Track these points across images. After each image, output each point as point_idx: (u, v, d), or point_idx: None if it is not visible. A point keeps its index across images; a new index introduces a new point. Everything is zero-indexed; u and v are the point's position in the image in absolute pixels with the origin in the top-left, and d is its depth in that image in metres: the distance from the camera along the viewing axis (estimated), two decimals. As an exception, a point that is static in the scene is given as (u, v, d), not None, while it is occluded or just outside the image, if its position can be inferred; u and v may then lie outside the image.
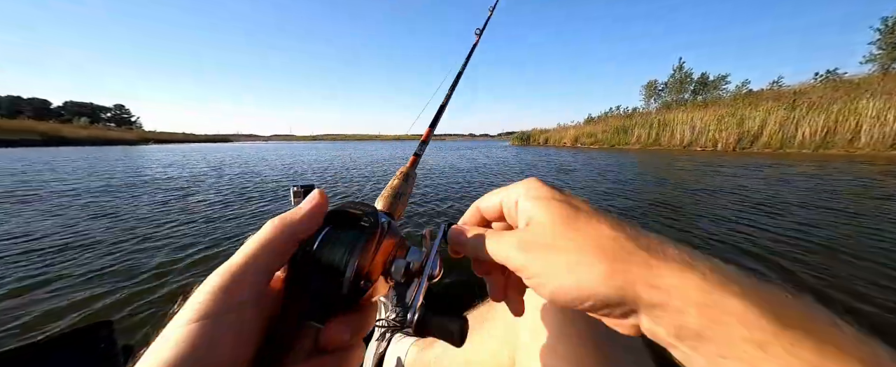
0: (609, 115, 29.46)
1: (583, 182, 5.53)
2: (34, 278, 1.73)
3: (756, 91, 20.16)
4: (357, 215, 0.18)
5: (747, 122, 13.11)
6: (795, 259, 1.89)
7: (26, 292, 1.59)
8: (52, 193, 4.47)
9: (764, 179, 5.16)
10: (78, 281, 1.69)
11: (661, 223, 2.82)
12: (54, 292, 1.59)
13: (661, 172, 6.75)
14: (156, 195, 4.41)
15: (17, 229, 2.65)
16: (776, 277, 1.73)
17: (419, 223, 3.05)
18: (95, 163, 9.88)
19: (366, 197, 4.56)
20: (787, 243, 2.16)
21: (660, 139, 17.14)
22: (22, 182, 5.46)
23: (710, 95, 26.40)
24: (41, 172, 7.21)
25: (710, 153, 12.44)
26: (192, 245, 2.28)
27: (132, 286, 1.62)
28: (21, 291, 1.60)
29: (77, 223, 2.87)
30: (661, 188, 4.69)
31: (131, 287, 1.61)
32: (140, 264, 1.90)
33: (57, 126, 50.07)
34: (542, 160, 10.65)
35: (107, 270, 1.83)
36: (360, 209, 0.19)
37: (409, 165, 0.38)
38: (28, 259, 1.99)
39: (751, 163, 7.91)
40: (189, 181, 5.61)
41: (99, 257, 2.03)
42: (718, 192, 4.18)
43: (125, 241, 2.35)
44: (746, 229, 2.50)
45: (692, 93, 28.54)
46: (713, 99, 21.50)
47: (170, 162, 10.24)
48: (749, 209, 3.15)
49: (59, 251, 2.13)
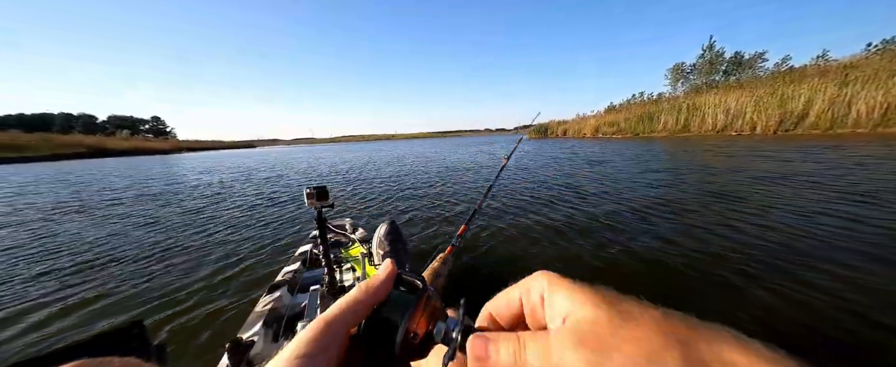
0: (632, 102, 28.11)
1: (621, 174, 5.24)
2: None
3: (798, 68, 18.53)
4: (410, 282, 0.22)
5: (791, 101, 12.05)
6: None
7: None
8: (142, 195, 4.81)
9: (833, 162, 4.65)
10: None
11: (731, 218, 2.51)
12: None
13: (705, 158, 6.32)
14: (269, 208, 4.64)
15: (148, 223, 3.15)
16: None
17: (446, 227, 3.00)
18: (167, 169, 10.58)
19: (390, 198, 4.53)
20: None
21: (689, 125, 16.15)
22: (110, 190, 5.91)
23: (745, 74, 24.59)
24: (116, 182, 7.84)
25: (749, 138, 11.57)
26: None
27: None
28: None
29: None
30: (714, 177, 4.33)
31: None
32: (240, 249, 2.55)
33: (102, 139, 54.24)
34: (566, 153, 10.29)
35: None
36: (412, 278, 0.23)
37: (448, 252, 0.45)
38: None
39: (805, 146, 7.26)
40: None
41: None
42: (788, 179, 3.77)
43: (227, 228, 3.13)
44: (847, 224, 2.18)
45: (724, 74, 26.69)
46: (749, 79, 19.95)
47: (236, 167, 10.80)
48: (836, 199, 2.80)
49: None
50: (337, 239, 1.78)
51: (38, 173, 12.15)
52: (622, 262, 1.92)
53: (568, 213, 3.05)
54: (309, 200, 0.93)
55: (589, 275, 1.82)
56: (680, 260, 1.86)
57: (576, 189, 4.18)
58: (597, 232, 2.45)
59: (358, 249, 1.60)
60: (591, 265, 1.91)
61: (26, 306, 1.73)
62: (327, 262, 1.00)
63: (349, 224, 2.00)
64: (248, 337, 0.90)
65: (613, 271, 1.83)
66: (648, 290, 1.63)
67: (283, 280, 1.28)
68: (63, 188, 7.07)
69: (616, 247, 2.12)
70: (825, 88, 11.29)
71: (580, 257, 2.04)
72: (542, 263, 2.09)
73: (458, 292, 1.35)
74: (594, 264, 1.92)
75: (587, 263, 1.95)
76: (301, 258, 1.55)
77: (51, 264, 2.36)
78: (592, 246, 2.19)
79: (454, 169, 7.53)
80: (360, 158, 13.80)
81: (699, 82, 27.26)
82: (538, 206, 3.38)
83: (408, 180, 5.97)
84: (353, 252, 1.59)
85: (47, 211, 4.49)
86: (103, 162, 20.02)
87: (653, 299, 0.16)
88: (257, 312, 1.04)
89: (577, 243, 2.27)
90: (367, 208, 3.88)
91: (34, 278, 2.12)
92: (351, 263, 1.49)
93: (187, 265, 2.24)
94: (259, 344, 0.88)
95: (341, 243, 1.74)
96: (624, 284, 1.49)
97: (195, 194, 5.47)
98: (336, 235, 1.77)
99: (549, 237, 2.42)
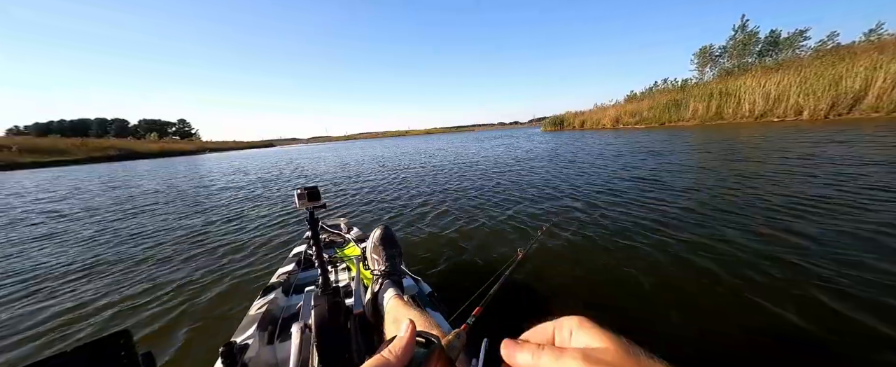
0: (655, 89, 26.47)
1: (672, 167, 4.63)
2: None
3: (846, 45, 16.69)
4: (423, 342, 0.26)
5: (843, 82, 10.73)
6: None
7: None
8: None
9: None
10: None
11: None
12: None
13: (771, 147, 5.47)
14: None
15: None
16: None
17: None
18: (194, 170, 10.75)
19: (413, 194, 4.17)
20: None
21: (722, 112, 14.86)
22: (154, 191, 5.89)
23: (784, 55, 22.53)
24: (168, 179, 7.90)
25: (795, 123, 10.40)
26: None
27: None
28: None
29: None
30: (811, 176, 3.29)
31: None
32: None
33: (133, 143, 57.26)
34: (586, 146, 9.58)
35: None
36: (425, 337, 0.26)
37: (464, 328, 0.38)
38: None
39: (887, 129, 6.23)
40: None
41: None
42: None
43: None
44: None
45: (758, 55, 24.62)
46: (788, 60, 18.20)
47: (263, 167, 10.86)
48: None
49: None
50: (332, 239, 1.77)
51: (80, 175, 12.63)
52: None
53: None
54: (300, 201, 0.91)
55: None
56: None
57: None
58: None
59: (354, 249, 1.58)
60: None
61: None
62: (320, 263, 0.96)
63: (344, 224, 1.96)
64: (242, 341, 0.86)
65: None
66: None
67: (278, 282, 1.27)
68: (104, 191, 7.15)
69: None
70: (887, 64, 9.95)
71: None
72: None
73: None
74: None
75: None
76: (296, 259, 1.53)
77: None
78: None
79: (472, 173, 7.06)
80: (392, 152, 13.57)
81: (730, 66, 25.30)
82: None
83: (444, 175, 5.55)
84: (348, 252, 1.58)
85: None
86: (135, 164, 20.77)
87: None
88: (251, 315, 1.02)
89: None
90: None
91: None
92: (346, 263, 1.47)
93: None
94: (253, 347, 0.85)
95: (336, 243, 1.72)
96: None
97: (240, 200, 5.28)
98: (331, 235, 1.78)
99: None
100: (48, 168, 24.27)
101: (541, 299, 1.57)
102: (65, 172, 16.89)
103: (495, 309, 0.57)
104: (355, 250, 1.54)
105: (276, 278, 1.33)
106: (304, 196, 0.91)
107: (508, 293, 1.52)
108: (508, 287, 1.54)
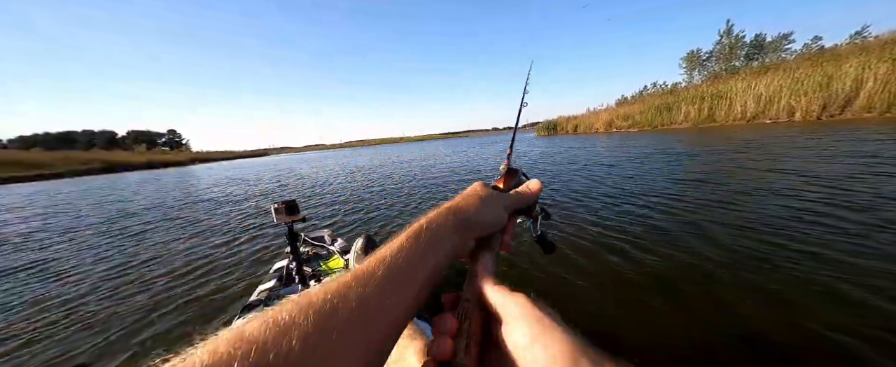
0: (645, 93, 26.68)
1: (656, 174, 4.36)
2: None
3: (830, 48, 16.99)
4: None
5: (835, 82, 10.75)
6: None
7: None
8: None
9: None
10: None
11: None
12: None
13: (774, 153, 5.21)
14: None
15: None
16: None
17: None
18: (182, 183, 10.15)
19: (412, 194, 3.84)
20: None
21: (714, 114, 14.88)
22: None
23: (769, 58, 22.94)
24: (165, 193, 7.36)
25: (788, 125, 10.34)
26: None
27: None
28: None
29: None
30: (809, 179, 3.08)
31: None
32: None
33: (119, 155, 55.96)
34: (581, 152, 9.35)
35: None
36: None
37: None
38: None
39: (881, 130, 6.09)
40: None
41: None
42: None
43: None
44: None
45: (745, 59, 25.08)
46: (774, 63, 18.48)
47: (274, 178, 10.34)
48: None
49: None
50: (316, 252, 1.71)
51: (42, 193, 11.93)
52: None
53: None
54: (277, 215, 0.88)
55: None
56: None
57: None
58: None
59: (338, 261, 1.53)
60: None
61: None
62: (301, 279, 0.93)
63: (328, 235, 1.91)
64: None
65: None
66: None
67: (258, 300, 1.23)
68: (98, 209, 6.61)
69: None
70: (876, 64, 9.99)
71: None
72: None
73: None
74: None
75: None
76: (277, 275, 1.45)
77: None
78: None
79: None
80: (388, 158, 13.21)
81: (718, 69, 25.71)
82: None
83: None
84: (332, 264, 1.53)
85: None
86: (118, 178, 19.96)
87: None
88: None
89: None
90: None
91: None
92: (332, 275, 1.05)
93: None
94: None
95: (321, 256, 1.66)
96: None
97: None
98: (314, 247, 1.73)
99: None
100: (31, 183, 23.35)
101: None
102: (36, 188, 16.12)
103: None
104: (340, 263, 1.51)
105: (256, 296, 1.29)
106: (282, 210, 0.89)
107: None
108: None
